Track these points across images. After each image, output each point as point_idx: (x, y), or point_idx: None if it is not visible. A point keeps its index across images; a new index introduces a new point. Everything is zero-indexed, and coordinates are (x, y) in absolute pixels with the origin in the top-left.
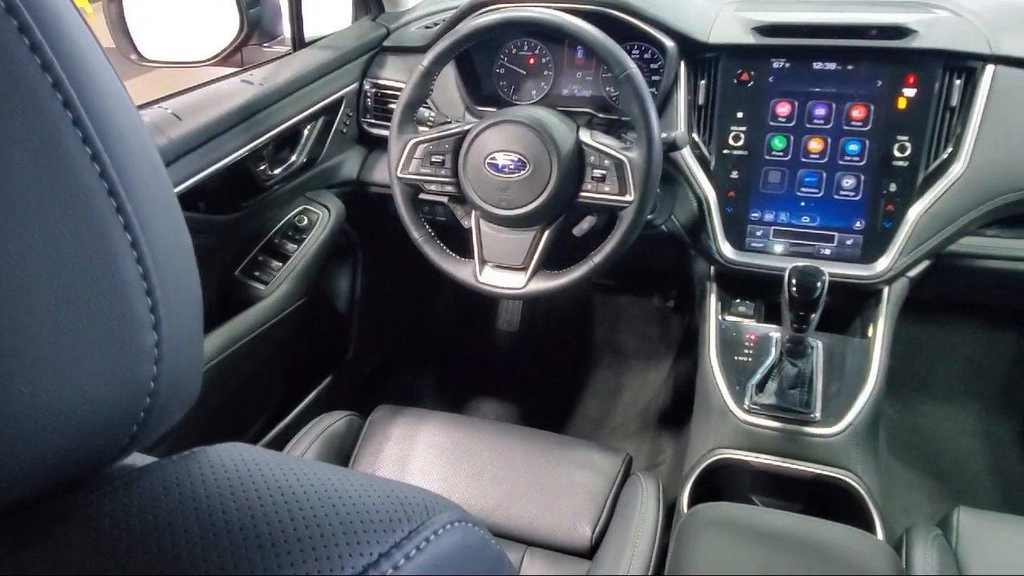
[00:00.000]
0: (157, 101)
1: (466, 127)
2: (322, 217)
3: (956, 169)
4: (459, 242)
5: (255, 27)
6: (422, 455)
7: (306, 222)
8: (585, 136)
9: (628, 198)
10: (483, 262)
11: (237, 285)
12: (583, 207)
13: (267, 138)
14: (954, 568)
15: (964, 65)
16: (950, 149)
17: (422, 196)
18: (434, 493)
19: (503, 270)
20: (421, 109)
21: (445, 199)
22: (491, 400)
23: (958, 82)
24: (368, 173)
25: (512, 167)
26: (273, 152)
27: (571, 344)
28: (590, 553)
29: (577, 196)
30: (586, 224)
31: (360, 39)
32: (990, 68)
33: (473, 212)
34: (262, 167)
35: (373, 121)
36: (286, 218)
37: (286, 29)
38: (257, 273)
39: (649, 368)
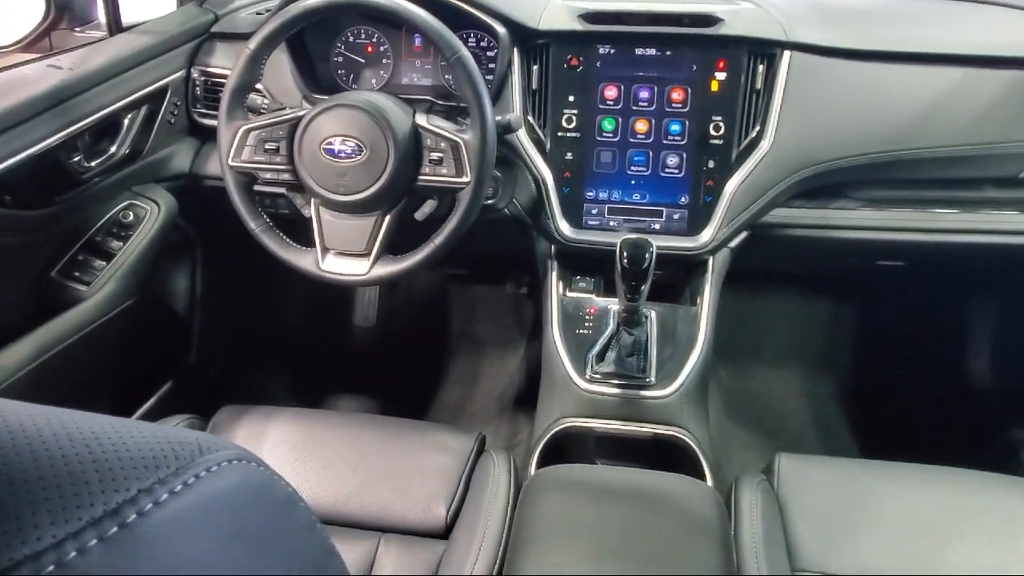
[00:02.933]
0: None
1: (300, 113)
2: (151, 212)
3: (764, 146)
4: (304, 235)
5: (64, 10)
6: (270, 452)
7: (132, 218)
8: (421, 120)
9: (465, 179)
10: (325, 250)
11: (54, 287)
12: (423, 191)
13: (79, 127)
14: (776, 507)
15: (765, 51)
16: (758, 128)
17: (261, 188)
18: (215, 436)
19: (346, 257)
20: (254, 97)
21: (283, 189)
22: (349, 395)
23: (761, 66)
24: (201, 166)
25: (349, 152)
26: (90, 143)
27: (429, 335)
28: (445, 533)
29: (416, 180)
30: (427, 208)
31: (185, 24)
32: (787, 54)
33: (312, 200)
34: (76, 158)
35: (204, 111)
36: (109, 214)
37: (101, 13)
38: (77, 273)
39: (506, 354)
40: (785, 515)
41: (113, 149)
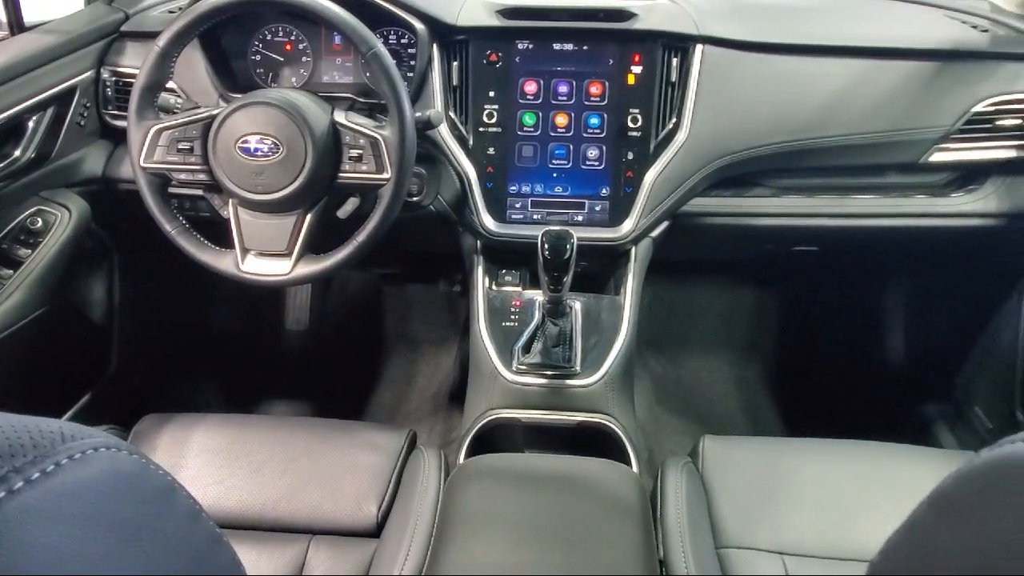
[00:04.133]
0: None
1: (214, 111)
2: (61, 218)
3: (680, 137)
4: (227, 237)
5: None
6: (194, 460)
7: (41, 224)
8: (340, 116)
9: (385, 176)
10: (245, 251)
11: None
12: (344, 188)
13: None
14: (701, 487)
15: (678, 45)
16: (674, 119)
17: (179, 191)
18: (81, 425)
19: (267, 257)
20: (167, 96)
21: (199, 189)
22: (282, 400)
23: (675, 60)
24: (115, 169)
25: (265, 150)
26: None
27: (363, 337)
28: (377, 532)
29: (336, 177)
30: (350, 206)
31: (93, 23)
32: (699, 47)
33: (230, 200)
34: None
35: (116, 112)
36: (16, 220)
37: (1, 12)
38: None
39: (441, 352)
40: (710, 495)
41: (17, 153)
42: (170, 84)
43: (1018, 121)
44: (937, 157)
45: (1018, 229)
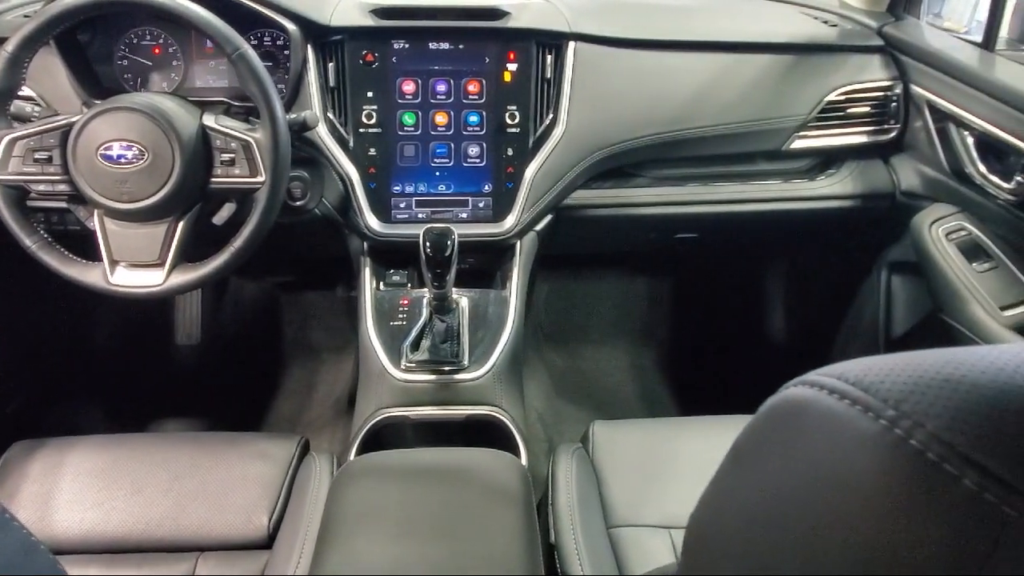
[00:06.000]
0: None
1: (72, 119)
2: None
3: (557, 132)
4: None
5: None
6: (70, 485)
7: None
8: (209, 120)
9: (260, 179)
10: (114, 263)
11: None
12: (218, 194)
13: None
14: (592, 471)
15: (552, 42)
16: (551, 115)
17: (42, 204)
18: None
19: (138, 268)
20: (23, 104)
21: (62, 201)
22: (175, 418)
23: (549, 57)
24: None
25: (130, 157)
26: None
27: (261, 349)
28: (269, 543)
29: (209, 182)
30: (226, 212)
31: None
32: (572, 44)
33: (96, 211)
34: None
35: None
36: None
37: None
38: None
39: (342, 359)
40: (600, 478)
41: None
42: (27, 91)
43: (867, 108)
44: (798, 144)
45: (873, 208)
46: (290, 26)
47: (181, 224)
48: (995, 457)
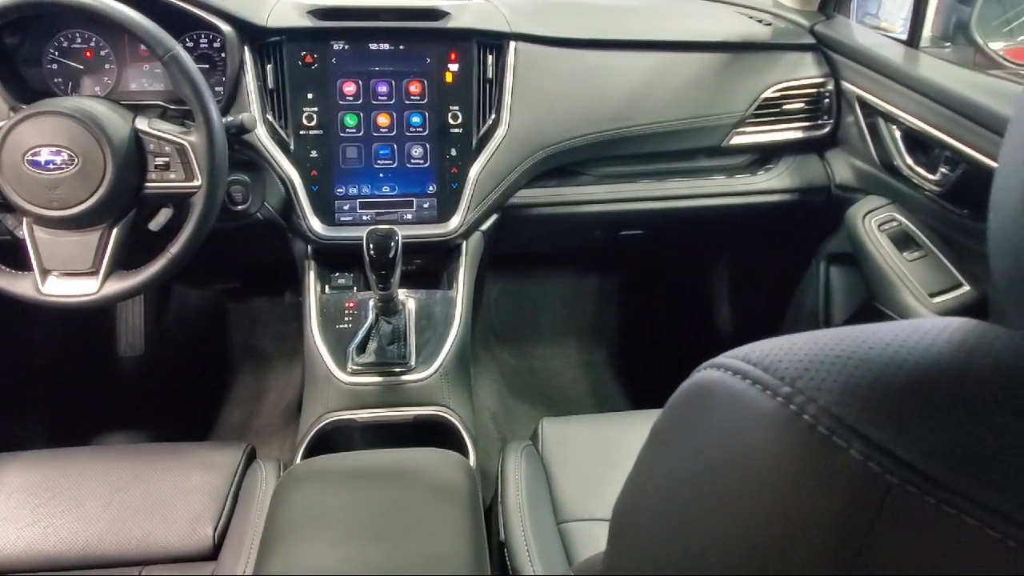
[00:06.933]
0: None
1: None
2: None
3: (500, 132)
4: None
5: None
6: (4, 503)
7: None
8: (142, 124)
9: (196, 183)
10: (45, 272)
11: None
12: (153, 199)
13: None
14: (541, 468)
15: (493, 42)
16: (494, 115)
17: None
18: None
19: (71, 277)
20: None
21: None
22: (118, 431)
23: (491, 57)
24: None
25: (59, 163)
26: None
27: (208, 357)
28: (215, 553)
29: (143, 188)
30: (162, 217)
31: None
32: (513, 44)
33: (24, 219)
34: None
35: None
36: None
37: None
38: None
39: (292, 365)
40: (549, 474)
41: None
42: None
43: (801, 105)
44: (736, 140)
45: (809, 202)
46: (225, 27)
47: (115, 231)
48: (879, 427)
